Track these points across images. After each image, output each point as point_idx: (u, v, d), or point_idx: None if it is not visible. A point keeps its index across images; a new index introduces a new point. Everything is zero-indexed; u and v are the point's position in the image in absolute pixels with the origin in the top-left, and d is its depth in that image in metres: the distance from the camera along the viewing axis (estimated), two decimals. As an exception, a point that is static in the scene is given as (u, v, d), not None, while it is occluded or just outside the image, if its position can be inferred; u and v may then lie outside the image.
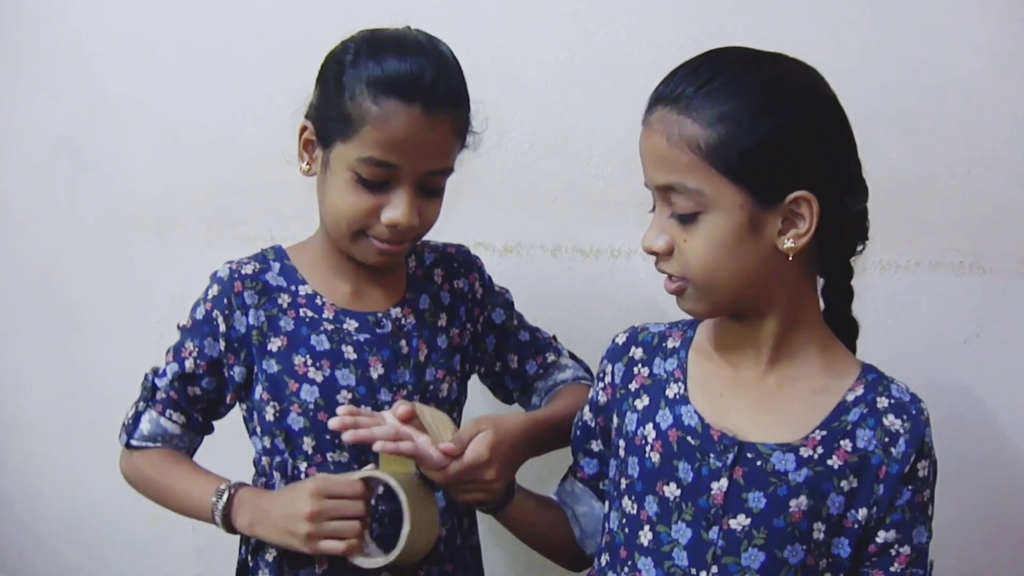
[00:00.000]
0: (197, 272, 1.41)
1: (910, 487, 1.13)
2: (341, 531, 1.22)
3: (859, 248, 1.17)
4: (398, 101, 1.21)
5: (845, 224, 1.13)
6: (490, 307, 1.51)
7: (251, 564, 1.38)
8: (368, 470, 1.23)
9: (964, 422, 1.64)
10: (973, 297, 1.62)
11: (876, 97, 1.59)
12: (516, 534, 1.38)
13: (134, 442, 1.38)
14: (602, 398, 1.32)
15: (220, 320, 1.33)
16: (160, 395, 1.37)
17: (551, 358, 1.53)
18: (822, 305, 1.20)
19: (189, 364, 1.35)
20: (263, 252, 1.40)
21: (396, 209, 1.25)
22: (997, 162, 1.57)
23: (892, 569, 1.14)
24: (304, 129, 1.32)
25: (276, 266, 1.37)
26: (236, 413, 1.44)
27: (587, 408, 1.35)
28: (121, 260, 2.20)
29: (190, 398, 1.37)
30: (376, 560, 1.23)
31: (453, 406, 1.45)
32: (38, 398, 2.39)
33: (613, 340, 1.33)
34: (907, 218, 1.62)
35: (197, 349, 1.35)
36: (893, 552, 1.14)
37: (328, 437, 1.31)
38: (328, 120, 1.27)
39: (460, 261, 1.50)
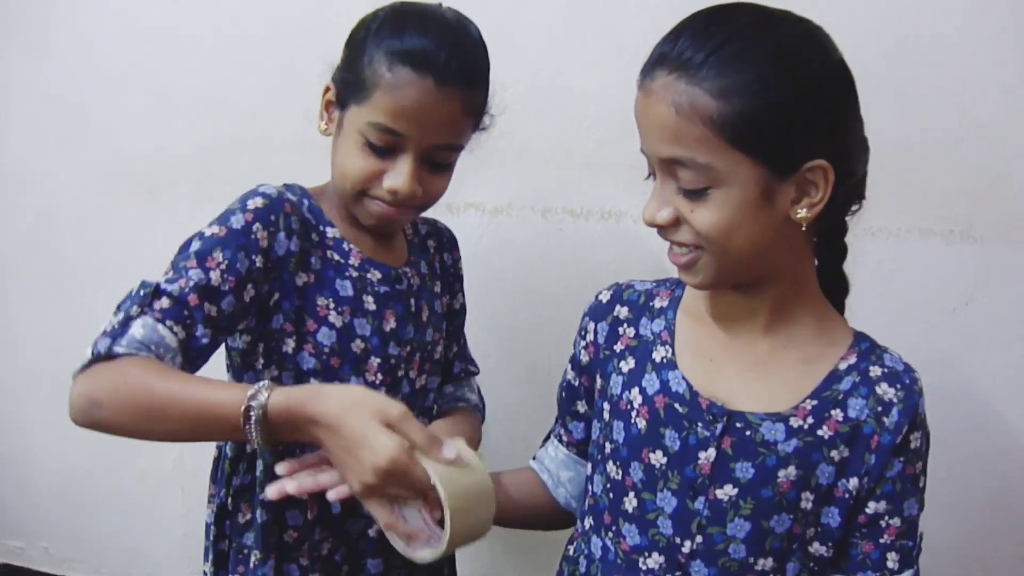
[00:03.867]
0: (188, 231, 1.37)
1: (902, 458, 1.11)
2: (399, 499, 1.09)
3: (854, 207, 1.14)
4: (411, 71, 1.22)
5: (850, 188, 1.09)
6: (460, 289, 1.56)
7: (231, 508, 1.34)
8: (438, 483, 1.04)
9: (952, 391, 1.64)
10: (963, 265, 1.61)
11: (869, 64, 1.55)
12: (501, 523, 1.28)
13: (119, 349, 1.10)
14: (584, 357, 1.30)
15: (262, 234, 1.21)
16: (163, 303, 1.13)
17: (472, 370, 1.59)
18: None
19: (215, 277, 1.16)
20: (289, 185, 1.33)
21: (398, 176, 1.26)
22: (989, 130, 1.57)
23: (882, 540, 1.12)
24: (327, 90, 1.33)
25: (305, 202, 1.33)
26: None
27: (569, 368, 1.33)
28: (112, 220, 2.20)
29: (205, 316, 1.15)
30: (422, 554, 1.10)
31: (438, 364, 1.48)
32: (29, 359, 2.39)
33: (596, 297, 1.31)
34: (898, 185, 1.61)
35: (227, 261, 1.17)
36: (883, 524, 1.12)
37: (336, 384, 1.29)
38: (347, 83, 1.29)
39: (448, 237, 1.55)
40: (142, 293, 1.14)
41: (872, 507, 1.12)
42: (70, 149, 2.21)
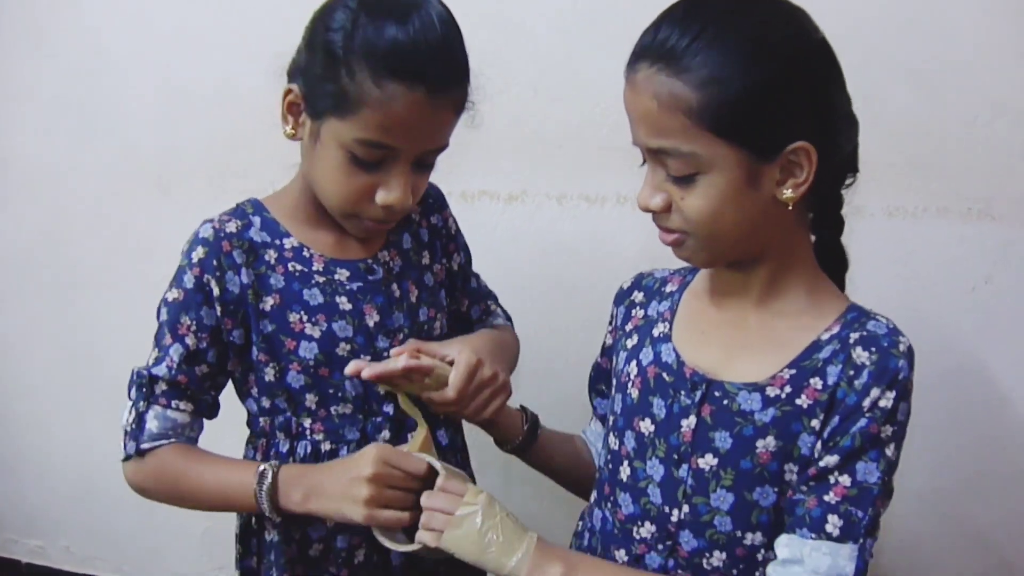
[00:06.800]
0: (201, 227, 1.39)
1: (868, 415, 1.05)
2: (401, 501, 1.19)
3: (849, 180, 1.15)
4: (401, 84, 1.13)
5: (839, 162, 1.10)
6: (456, 247, 1.48)
7: (255, 525, 1.35)
8: (427, 456, 1.21)
9: (972, 369, 1.64)
10: (981, 244, 1.60)
11: (885, 43, 1.58)
12: (543, 470, 1.44)
13: (144, 445, 1.26)
14: (608, 340, 1.36)
15: (213, 283, 1.25)
16: (161, 387, 1.26)
17: (492, 306, 1.55)
18: (812, 239, 1.18)
19: (191, 341, 1.25)
20: (240, 206, 1.33)
21: (393, 191, 1.20)
22: (1006, 108, 1.56)
23: (826, 498, 1.06)
24: (289, 92, 1.23)
25: (257, 220, 1.30)
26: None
27: (600, 352, 1.38)
28: (124, 217, 2.21)
29: (199, 378, 1.28)
30: (409, 545, 1.20)
31: (461, 323, 1.48)
32: (44, 358, 2.40)
33: (620, 285, 1.35)
34: (915, 164, 1.61)
35: (195, 322, 1.25)
36: (831, 479, 1.06)
37: (331, 391, 1.29)
38: (321, 92, 1.18)
39: (434, 196, 1.44)
40: (142, 386, 1.26)
41: (825, 460, 1.07)
42: (81, 147, 2.21)
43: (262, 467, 1.23)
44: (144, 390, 1.26)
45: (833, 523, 1.05)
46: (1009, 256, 1.60)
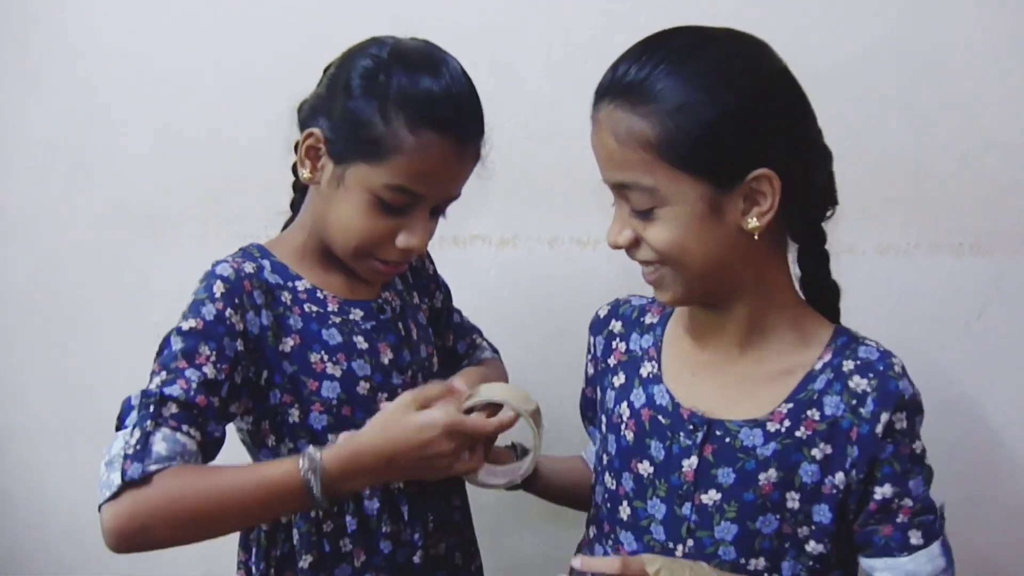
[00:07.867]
0: (194, 270, 1.36)
1: (890, 441, 1.10)
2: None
3: (828, 213, 1.15)
4: (436, 133, 1.19)
5: (811, 193, 1.11)
6: (436, 285, 1.54)
7: (274, 572, 1.33)
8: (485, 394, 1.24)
9: (965, 405, 1.64)
10: (975, 278, 1.61)
11: (874, 78, 1.58)
12: (548, 499, 1.47)
13: (152, 467, 1.09)
14: (590, 369, 1.38)
15: (236, 319, 1.20)
16: (171, 409, 1.13)
17: (478, 340, 1.60)
18: (798, 272, 1.19)
19: (209, 370, 1.16)
20: (245, 251, 1.32)
21: (414, 236, 1.25)
22: (996, 143, 1.57)
23: (899, 521, 1.12)
24: (309, 136, 1.25)
25: (266, 263, 1.29)
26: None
27: (584, 380, 1.41)
28: (117, 260, 2.20)
29: (214, 408, 1.17)
30: (499, 481, 1.30)
31: (437, 377, 1.44)
32: (38, 400, 2.39)
33: (596, 312, 1.37)
34: (906, 200, 1.61)
35: (215, 352, 1.17)
36: (895, 506, 1.12)
37: (352, 430, 1.28)
38: (351, 137, 1.21)
39: None
40: (149, 405, 1.13)
41: (879, 493, 1.12)
42: (74, 190, 2.20)
43: (303, 458, 1.13)
44: (152, 409, 1.12)
45: (916, 536, 1.13)
46: (1001, 290, 1.61)
